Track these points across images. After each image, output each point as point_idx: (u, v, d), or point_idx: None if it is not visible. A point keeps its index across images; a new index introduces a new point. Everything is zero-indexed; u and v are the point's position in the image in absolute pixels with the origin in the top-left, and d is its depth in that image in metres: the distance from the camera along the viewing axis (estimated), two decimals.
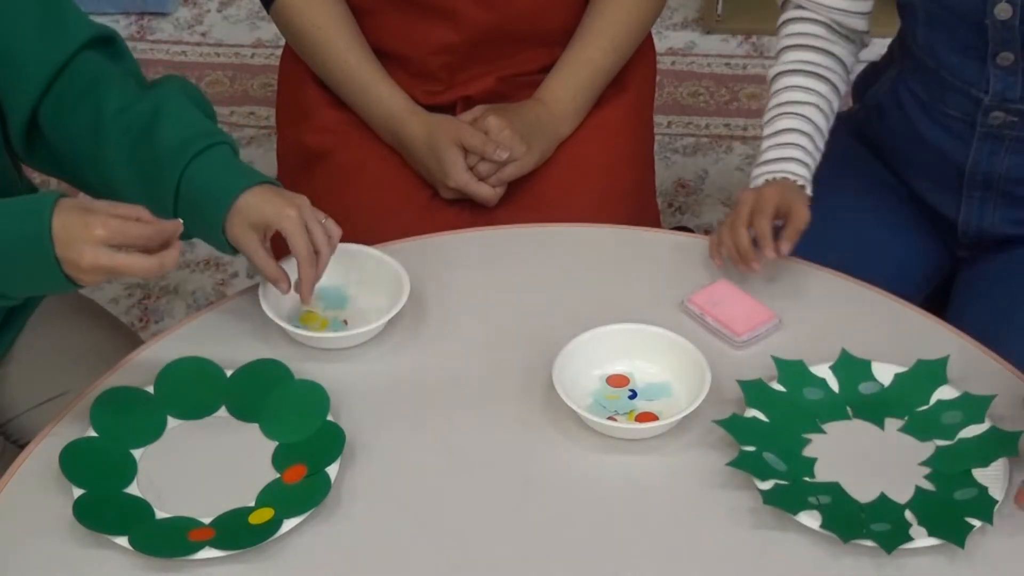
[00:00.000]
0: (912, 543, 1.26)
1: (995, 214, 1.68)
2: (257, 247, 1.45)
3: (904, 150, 1.74)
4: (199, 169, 1.44)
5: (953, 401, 1.40)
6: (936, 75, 1.64)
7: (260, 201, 1.44)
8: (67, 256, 1.30)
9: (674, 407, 1.40)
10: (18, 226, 1.31)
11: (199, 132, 1.46)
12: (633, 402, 1.43)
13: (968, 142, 1.64)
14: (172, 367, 1.45)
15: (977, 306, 1.66)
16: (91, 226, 1.29)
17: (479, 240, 1.67)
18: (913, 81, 1.69)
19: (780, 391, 1.42)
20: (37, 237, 1.29)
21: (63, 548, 1.29)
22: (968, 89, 1.60)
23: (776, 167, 1.61)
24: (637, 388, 1.44)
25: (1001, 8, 1.52)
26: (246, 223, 1.43)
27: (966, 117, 1.63)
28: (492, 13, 1.83)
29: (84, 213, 1.30)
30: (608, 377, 1.45)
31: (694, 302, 1.52)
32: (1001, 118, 1.60)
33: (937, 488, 1.33)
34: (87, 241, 1.29)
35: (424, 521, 1.32)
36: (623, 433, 1.39)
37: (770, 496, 1.30)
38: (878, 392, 1.42)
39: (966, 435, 1.37)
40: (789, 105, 1.66)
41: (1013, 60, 1.55)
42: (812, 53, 1.68)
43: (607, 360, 1.46)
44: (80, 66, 1.50)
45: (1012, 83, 1.57)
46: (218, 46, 3.19)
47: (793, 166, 1.61)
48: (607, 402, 1.43)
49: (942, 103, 1.65)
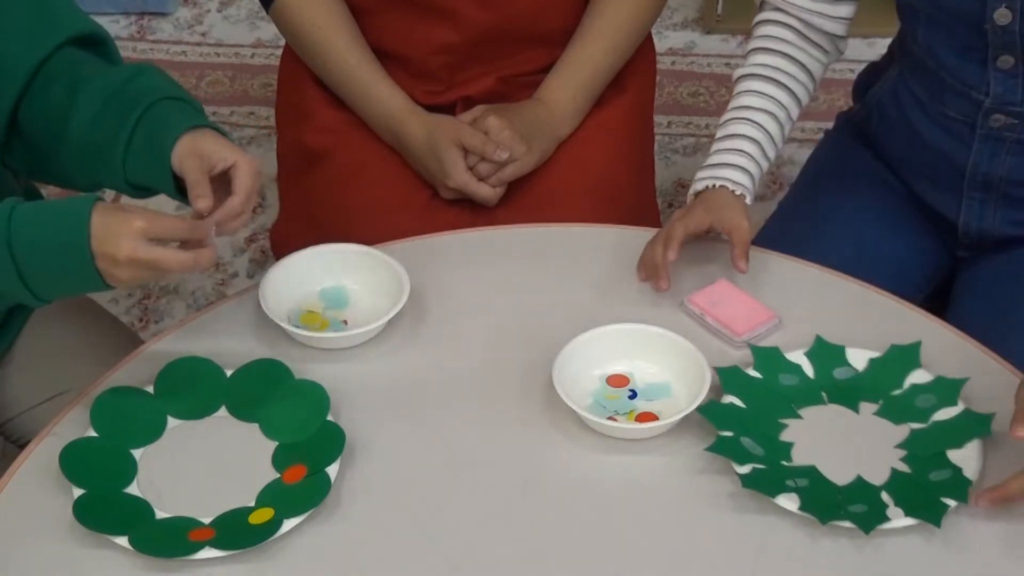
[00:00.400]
0: (889, 523, 1.28)
1: (996, 215, 1.68)
2: (197, 169, 1.39)
3: (904, 150, 1.74)
4: (164, 109, 1.44)
5: (926, 385, 1.42)
6: (936, 77, 1.63)
7: (213, 137, 1.42)
8: (104, 250, 1.30)
9: (674, 407, 1.40)
10: (56, 225, 1.31)
11: (176, 92, 1.47)
12: (633, 402, 1.43)
13: (968, 144, 1.64)
14: (172, 367, 1.45)
15: (978, 306, 1.66)
16: (130, 219, 1.30)
17: (479, 240, 1.67)
18: (913, 82, 1.69)
19: (756, 377, 1.43)
20: (74, 234, 1.29)
21: (63, 548, 1.29)
22: (968, 92, 1.60)
23: (718, 172, 1.61)
24: (637, 388, 1.44)
25: (1001, 13, 1.52)
26: (192, 150, 1.40)
27: (966, 119, 1.62)
28: (492, 13, 1.83)
29: (123, 209, 1.32)
30: (608, 377, 1.45)
31: (694, 302, 1.52)
32: (1002, 120, 1.60)
33: (912, 470, 1.34)
34: (125, 234, 1.29)
35: (424, 521, 1.32)
36: (623, 433, 1.39)
37: (749, 480, 1.31)
38: (852, 377, 1.44)
39: (940, 418, 1.39)
40: (745, 110, 1.66)
41: (1013, 63, 1.55)
42: (779, 59, 1.68)
43: (607, 360, 1.46)
44: (59, 62, 1.48)
45: (1012, 86, 1.57)
46: (218, 46, 3.19)
47: (735, 173, 1.61)
48: (607, 402, 1.43)
49: (942, 104, 1.65)
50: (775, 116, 1.66)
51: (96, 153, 1.45)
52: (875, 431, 1.39)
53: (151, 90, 1.45)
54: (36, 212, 1.32)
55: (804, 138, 2.83)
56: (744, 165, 1.62)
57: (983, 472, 1.33)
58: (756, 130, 1.64)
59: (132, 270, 1.31)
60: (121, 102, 1.45)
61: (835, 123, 1.91)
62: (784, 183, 2.70)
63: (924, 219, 1.75)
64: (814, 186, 1.85)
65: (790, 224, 1.82)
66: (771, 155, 1.66)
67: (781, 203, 1.89)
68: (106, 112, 1.45)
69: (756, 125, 1.65)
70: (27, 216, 1.31)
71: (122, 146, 1.43)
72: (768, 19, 1.70)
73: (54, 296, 1.38)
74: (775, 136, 1.66)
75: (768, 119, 1.66)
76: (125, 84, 1.46)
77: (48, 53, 1.48)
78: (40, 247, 1.31)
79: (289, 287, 1.53)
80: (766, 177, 2.72)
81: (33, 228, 1.31)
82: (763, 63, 1.68)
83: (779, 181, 2.73)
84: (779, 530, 1.29)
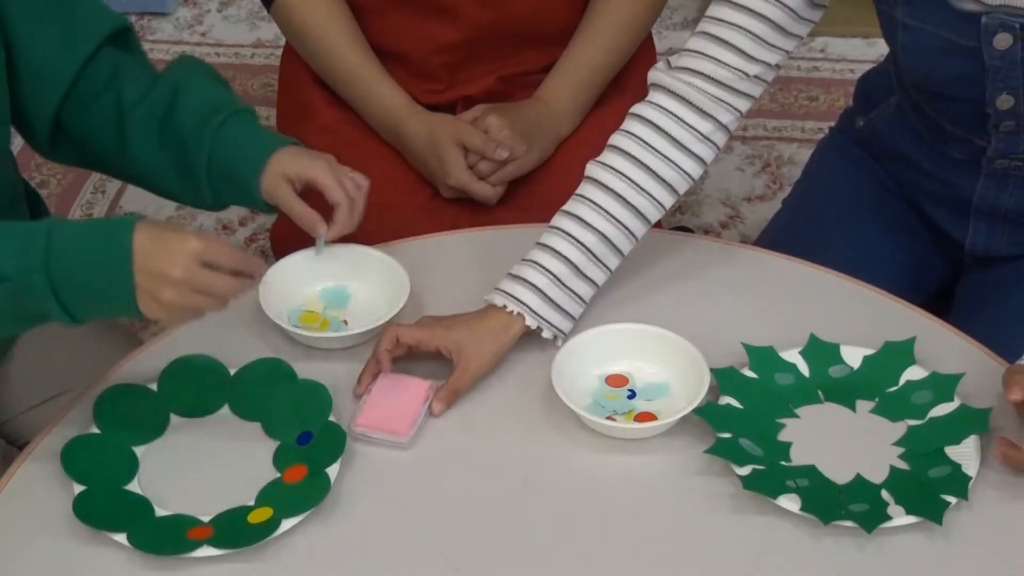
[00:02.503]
0: (891, 522, 1.28)
1: (1003, 239, 1.66)
2: (292, 197, 1.49)
3: (908, 175, 1.72)
4: (225, 140, 1.48)
5: (922, 381, 1.42)
6: (936, 124, 1.61)
7: (290, 157, 1.49)
8: (153, 267, 1.26)
9: (673, 407, 1.40)
10: (97, 240, 1.28)
11: (218, 105, 1.50)
12: (632, 402, 1.43)
13: (974, 178, 1.62)
14: (177, 364, 1.45)
15: (984, 311, 1.64)
16: (186, 239, 1.28)
17: (479, 240, 1.67)
18: (914, 119, 1.66)
19: (752, 377, 1.43)
20: (116, 249, 1.26)
21: (63, 545, 1.29)
22: (971, 138, 1.58)
23: (510, 289, 1.45)
24: (636, 388, 1.44)
25: (1003, 100, 1.49)
26: (279, 178, 1.48)
27: (970, 159, 1.60)
28: (493, 12, 1.83)
29: (175, 228, 1.31)
30: (607, 377, 1.45)
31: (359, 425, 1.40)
32: (1007, 164, 1.58)
33: (911, 467, 1.35)
34: (181, 252, 1.27)
35: (424, 521, 1.32)
36: (621, 433, 1.39)
37: (749, 481, 1.31)
38: (848, 375, 1.44)
39: (936, 414, 1.39)
40: (575, 215, 1.47)
41: (1014, 126, 1.53)
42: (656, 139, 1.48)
43: (606, 360, 1.45)
44: (98, 64, 1.51)
45: (1015, 142, 1.55)
46: (218, 46, 3.19)
47: (525, 294, 1.44)
48: (606, 402, 1.43)
49: (944, 146, 1.63)
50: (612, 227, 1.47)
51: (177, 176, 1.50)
52: (872, 429, 1.39)
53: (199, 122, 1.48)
54: (76, 228, 1.29)
55: (804, 138, 2.83)
56: (539, 285, 1.45)
57: (982, 468, 1.32)
58: (573, 249, 1.46)
59: (179, 293, 1.28)
60: (176, 137, 1.49)
61: (838, 122, 1.89)
62: (785, 183, 2.70)
63: (927, 228, 1.74)
64: (816, 187, 1.84)
65: (792, 225, 1.81)
66: (593, 274, 1.47)
67: (783, 203, 1.88)
68: (167, 139, 1.49)
69: (576, 244, 1.47)
70: (67, 231, 1.28)
71: (203, 185, 1.50)
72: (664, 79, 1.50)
73: (88, 315, 1.31)
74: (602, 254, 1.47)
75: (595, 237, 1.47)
76: (170, 107, 1.49)
77: (88, 57, 1.51)
78: (78, 262, 1.27)
79: (289, 287, 1.53)
80: (767, 177, 2.73)
81: (72, 241, 1.27)
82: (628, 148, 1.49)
83: (779, 181, 2.73)
84: (780, 530, 1.29)
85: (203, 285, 1.29)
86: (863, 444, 1.38)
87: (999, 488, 1.32)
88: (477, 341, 1.43)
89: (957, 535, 1.28)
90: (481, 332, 1.44)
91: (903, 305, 1.55)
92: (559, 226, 1.48)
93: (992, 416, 1.37)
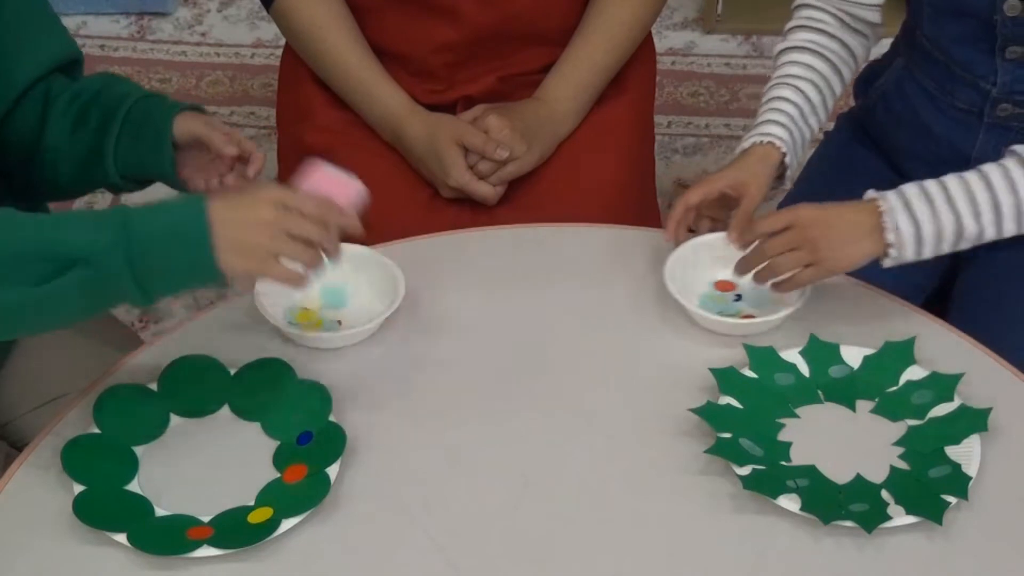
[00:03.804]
0: (891, 522, 1.28)
1: None
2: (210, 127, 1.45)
3: (908, 141, 1.74)
4: (150, 102, 1.47)
5: (922, 381, 1.43)
6: (943, 67, 1.64)
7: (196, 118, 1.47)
8: (237, 216, 1.25)
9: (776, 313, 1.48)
10: (173, 213, 1.27)
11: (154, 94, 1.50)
12: (737, 304, 1.53)
13: (975, 132, 1.65)
14: (177, 364, 1.45)
15: (980, 306, 1.65)
16: (267, 187, 1.30)
17: (479, 240, 1.67)
18: (920, 73, 1.69)
19: (752, 377, 1.44)
20: (194, 217, 1.25)
21: (63, 545, 1.29)
22: (976, 81, 1.61)
23: (759, 130, 1.63)
24: (743, 292, 1.53)
25: (1011, 5, 1.53)
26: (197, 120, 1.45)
27: (973, 108, 1.64)
28: (493, 12, 1.83)
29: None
30: (716, 282, 1.55)
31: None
32: (1009, 110, 1.61)
33: (911, 467, 1.35)
34: (265, 198, 1.27)
35: (424, 521, 1.32)
36: (731, 329, 1.47)
37: (749, 481, 1.32)
38: (848, 375, 1.45)
39: (936, 414, 1.40)
40: (787, 78, 1.67)
41: (1021, 53, 1.56)
42: (820, 36, 1.68)
43: (716, 266, 1.55)
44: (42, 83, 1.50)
45: (1020, 76, 1.58)
46: (218, 46, 3.19)
47: (774, 128, 1.62)
48: (712, 304, 1.52)
49: (949, 95, 1.66)
50: (816, 85, 1.67)
51: (81, 153, 1.46)
52: (872, 428, 1.40)
53: (130, 91, 1.48)
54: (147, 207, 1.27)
55: None
56: (783, 121, 1.63)
57: (982, 468, 1.33)
58: (798, 95, 1.65)
59: (269, 234, 1.25)
60: (102, 104, 1.47)
61: (836, 124, 1.91)
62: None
63: None
64: (816, 186, 1.85)
65: None
66: (814, 125, 1.67)
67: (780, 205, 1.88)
68: (86, 116, 1.47)
69: (798, 91, 1.65)
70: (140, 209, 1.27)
71: (112, 139, 1.45)
72: (806, 3, 1.71)
73: (162, 292, 1.29)
74: (817, 105, 1.67)
75: (810, 87, 1.66)
76: (101, 90, 1.49)
77: (44, 72, 1.50)
78: (156, 236, 1.25)
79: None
80: None
81: (147, 216, 1.26)
82: (805, 38, 1.69)
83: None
84: (780, 530, 1.29)
85: (297, 227, 1.27)
86: (863, 444, 1.38)
87: (999, 488, 1.32)
88: (751, 173, 1.59)
89: (957, 535, 1.29)
90: (754, 162, 1.60)
91: (903, 305, 1.55)
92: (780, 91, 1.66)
93: (992, 416, 1.37)
